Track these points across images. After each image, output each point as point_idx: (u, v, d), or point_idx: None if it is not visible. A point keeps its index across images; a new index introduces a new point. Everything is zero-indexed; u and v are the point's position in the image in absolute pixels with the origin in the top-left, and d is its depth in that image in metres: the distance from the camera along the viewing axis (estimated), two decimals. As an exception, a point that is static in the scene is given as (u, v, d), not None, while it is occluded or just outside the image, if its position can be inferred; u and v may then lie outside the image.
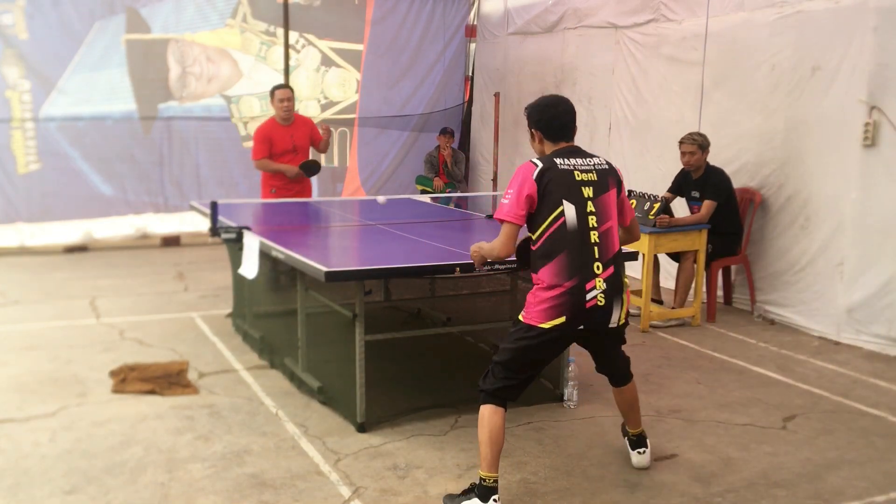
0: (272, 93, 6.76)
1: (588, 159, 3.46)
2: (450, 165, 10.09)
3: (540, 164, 3.37)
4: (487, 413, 3.38)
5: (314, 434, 4.11)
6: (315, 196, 9.98)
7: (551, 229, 3.32)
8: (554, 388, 4.67)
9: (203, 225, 6.54)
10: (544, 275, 3.33)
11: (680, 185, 6.48)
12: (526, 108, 3.58)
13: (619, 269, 3.41)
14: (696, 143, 6.23)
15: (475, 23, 10.91)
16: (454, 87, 11.13)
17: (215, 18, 9.77)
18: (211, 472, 3.67)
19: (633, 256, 4.72)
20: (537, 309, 3.34)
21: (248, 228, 5.03)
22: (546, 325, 3.32)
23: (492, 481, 3.31)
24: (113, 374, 4.94)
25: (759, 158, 6.49)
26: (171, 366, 5.10)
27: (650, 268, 6.09)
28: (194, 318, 6.27)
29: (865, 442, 4.13)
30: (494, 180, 9.64)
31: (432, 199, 7.94)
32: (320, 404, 4.48)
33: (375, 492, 3.52)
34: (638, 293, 6.24)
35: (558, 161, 3.39)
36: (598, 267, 3.31)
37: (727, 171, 6.40)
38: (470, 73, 11.16)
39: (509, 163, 10.00)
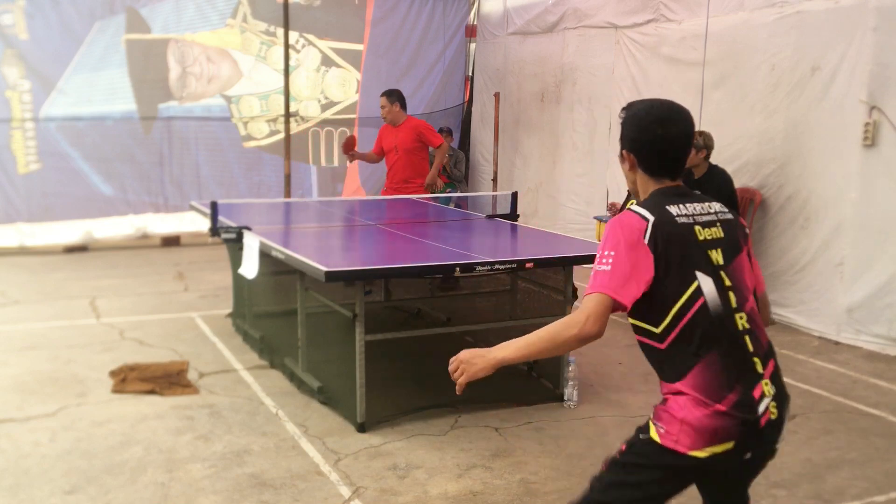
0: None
1: (704, 205, 2.28)
2: (448, 166, 10.09)
3: (650, 217, 2.16)
4: None
5: (314, 434, 4.11)
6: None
7: (687, 316, 2.14)
8: (554, 388, 4.67)
9: (203, 225, 6.53)
10: (692, 384, 2.13)
11: None
12: (623, 113, 2.35)
13: (777, 362, 2.26)
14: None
15: (475, 23, 10.91)
16: (454, 87, 11.13)
17: (215, 18, 9.77)
18: (211, 472, 3.67)
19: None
20: (685, 432, 2.12)
21: (248, 228, 5.03)
22: (702, 454, 2.11)
23: None
24: (113, 374, 4.93)
25: (759, 158, 6.49)
26: (171, 366, 5.09)
27: (650, 268, 6.08)
28: (194, 318, 6.27)
29: (865, 442, 4.13)
30: (494, 180, 9.64)
31: (432, 199, 7.94)
32: (320, 404, 4.48)
33: (375, 492, 3.52)
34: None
35: (673, 211, 2.20)
36: (758, 364, 2.18)
37: (727, 170, 6.39)
38: (470, 73, 11.16)
39: (509, 163, 10.01)
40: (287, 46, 9.41)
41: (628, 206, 6.06)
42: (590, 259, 5.01)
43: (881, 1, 5.47)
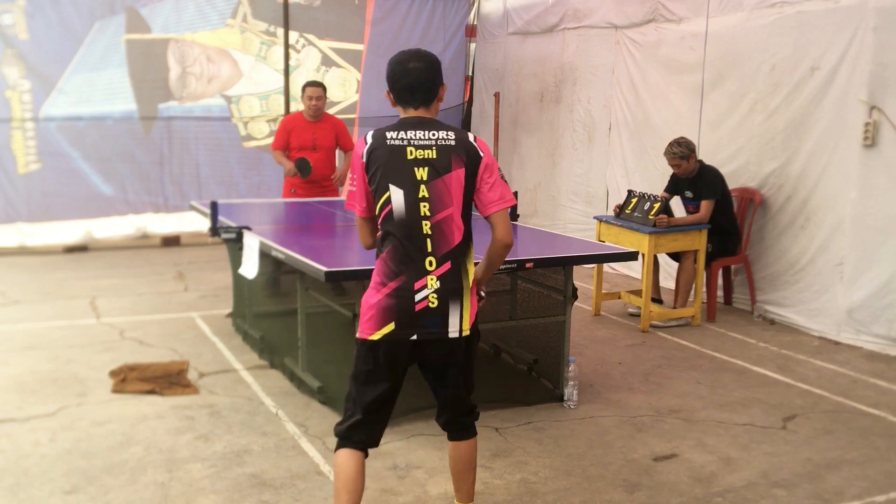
0: (303, 88, 6.80)
1: (432, 132, 2.81)
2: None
3: (369, 142, 2.83)
4: (340, 458, 2.86)
5: (314, 434, 4.11)
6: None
7: (382, 214, 2.80)
8: (554, 388, 4.67)
9: (203, 225, 6.54)
10: (375, 272, 2.82)
11: (676, 184, 6.48)
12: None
13: (458, 265, 2.82)
14: (676, 157, 6.19)
15: (475, 23, 10.91)
16: (454, 88, 11.12)
17: (215, 18, 9.77)
18: (211, 472, 3.67)
19: (633, 256, 4.74)
20: (366, 317, 2.78)
21: (248, 228, 5.03)
22: (375, 337, 2.76)
23: None
24: (113, 374, 4.94)
25: (759, 158, 6.49)
26: (171, 366, 5.10)
27: (650, 268, 6.09)
28: (194, 318, 6.28)
29: (865, 442, 4.13)
30: (494, 180, 9.64)
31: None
32: (320, 404, 4.48)
33: (375, 492, 3.52)
34: (638, 293, 6.25)
35: (390, 135, 2.80)
36: (430, 262, 2.76)
37: (727, 170, 6.40)
38: (470, 73, 11.16)
39: (509, 162, 10.01)
40: (287, 46, 9.43)
41: (626, 210, 6.12)
42: (590, 259, 5.02)
43: (881, 1, 5.47)
